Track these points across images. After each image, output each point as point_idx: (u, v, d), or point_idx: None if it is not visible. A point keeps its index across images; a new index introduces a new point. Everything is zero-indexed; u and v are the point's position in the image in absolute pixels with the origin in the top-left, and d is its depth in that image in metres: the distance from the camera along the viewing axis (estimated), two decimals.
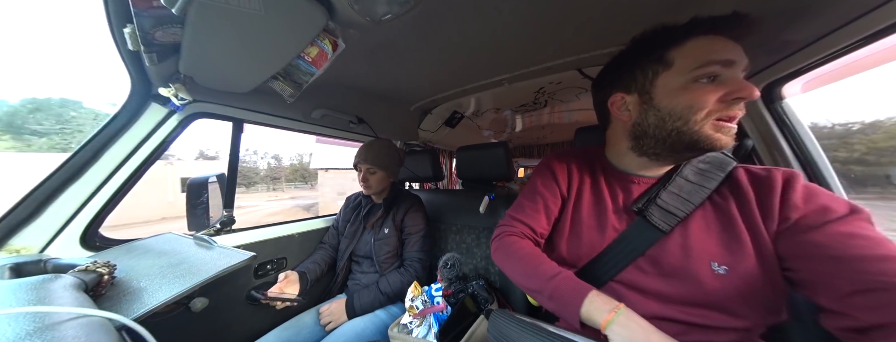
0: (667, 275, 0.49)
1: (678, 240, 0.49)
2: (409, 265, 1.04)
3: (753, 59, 0.71)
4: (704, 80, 0.44)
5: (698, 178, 0.51)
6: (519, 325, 0.43)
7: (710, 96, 0.43)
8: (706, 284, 0.46)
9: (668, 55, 0.47)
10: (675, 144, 0.47)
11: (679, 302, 0.48)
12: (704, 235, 0.48)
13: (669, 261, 0.49)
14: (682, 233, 0.49)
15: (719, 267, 0.45)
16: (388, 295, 0.96)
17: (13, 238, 0.65)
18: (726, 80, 0.43)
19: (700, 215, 0.49)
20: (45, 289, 0.38)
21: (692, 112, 0.44)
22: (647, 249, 0.51)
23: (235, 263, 0.56)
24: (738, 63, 0.44)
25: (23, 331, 0.29)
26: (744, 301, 0.45)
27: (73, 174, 0.72)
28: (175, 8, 0.48)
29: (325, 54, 0.65)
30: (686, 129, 0.45)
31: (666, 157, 0.52)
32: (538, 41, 0.82)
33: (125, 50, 0.60)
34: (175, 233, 0.78)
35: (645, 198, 0.53)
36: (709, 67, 0.43)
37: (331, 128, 1.37)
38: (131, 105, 0.76)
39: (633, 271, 0.52)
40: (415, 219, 1.11)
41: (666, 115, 0.47)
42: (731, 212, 0.47)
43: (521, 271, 0.56)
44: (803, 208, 0.42)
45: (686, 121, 0.45)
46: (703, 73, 0.44)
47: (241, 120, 1.05)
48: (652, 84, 0.49)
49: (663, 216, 0.50)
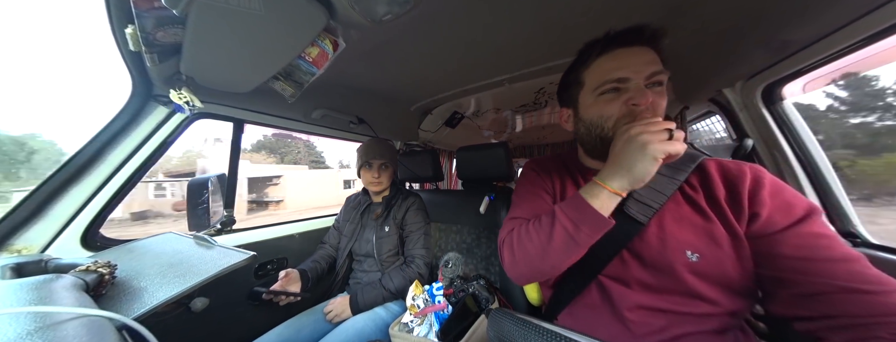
0: (648, 266, 0.52)
1: (655, 231, 0.52)
2: (411, 262, 1.05)
3: (754, 60, 0.72)
4: (608, 94, 0.52)
5: (670, 171, 0.54)
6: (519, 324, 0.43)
7: (614, 106, 0.51)
8: (682, 273, 0.48)
9: (581, 76, 0.56)
10: (605, 148, 0.52)
11: (663, 291, 0.51)
12: (678, 225, 0.50)
13: (649, 252, 0.52)
14: (657, 223, 0.52)
15: (693, 255, 0.48)
16: (391, 291, 0.97)
17: (15, 238, 0.66)
18: (627, 90, 0.50)
19: (672, 206, 0.52)
20: (47, 289, 0.39)
21: (603, 121, 0.52)
22: (629, 242, 0.53)
23: (235, 263, 0.56)
24: (634, 77, 0.49)
25: (24, 330, 0.29)
26: (718, 287, 0.48)
27: (75, 174, 0.72)
28: (176, 8, 0.48)
29: (326, 54, 0.65)
30: (604, 135, 0.53)
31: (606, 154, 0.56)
32: (538, 41, 0.82)
33: (126, 50, 0.60)
34: (175, 233, 0.78)
35: None
36: (605, 86, 0.51)
37: (331, 128, 1.37)
38: (132, 105, 0.76)
39: (617, 264, 0.55)
40: (415, 216, 1.12)
41: (588, 125, 0.55)
42: (700, 202, 0.50)
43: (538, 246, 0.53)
44: (770, 204, 0.45)
45: (602, 128, 0.53)
46: (602, 90, 0.52)
47: (242, 120, 1.05)
48: (576, 100, 0.58)
49: (640, 209, 0.53)
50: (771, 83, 0.75)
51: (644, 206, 0.53)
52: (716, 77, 0.86)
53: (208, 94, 0.86)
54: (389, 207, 1.14)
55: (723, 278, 0.47)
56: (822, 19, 0.55)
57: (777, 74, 0.72)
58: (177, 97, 0.72)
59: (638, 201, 0.54)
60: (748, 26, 0.62)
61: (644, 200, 0.53)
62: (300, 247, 1.25)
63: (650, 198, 0.53)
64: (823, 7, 0.52)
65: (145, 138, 0.80)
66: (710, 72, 0.86)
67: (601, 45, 0.52)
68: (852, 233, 0.71)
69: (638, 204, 0.53)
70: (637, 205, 0.53)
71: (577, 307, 0.60)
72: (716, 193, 0.49)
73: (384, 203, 1.15)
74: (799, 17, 0.55)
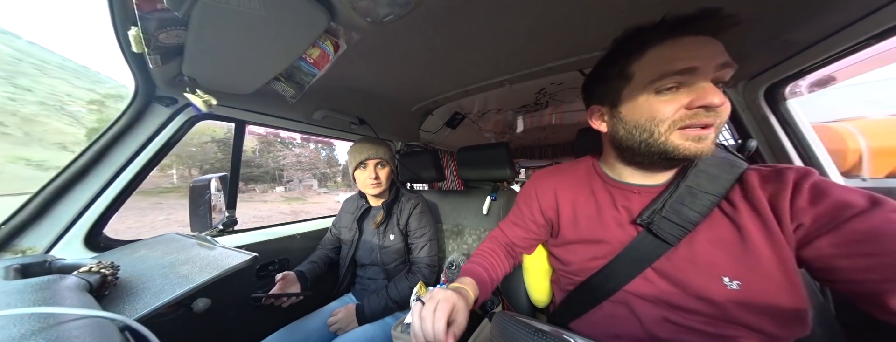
0: (677, 287, 0.47)
1: (685, 254, 0.46)
2: (417, 270, 1.01)
3: (756, 60, 0.72)
4: (666, 90, 0.43)
5: (706, 185, 0.47)
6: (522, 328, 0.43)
7: (671, 107, 0.42)
8: (717, 299, 0.43)
9: (628, 69, 0.46)
10: (650, 155, 0.46)
11: (692, 312, 0.46)
12: (713, 248, 0.44)
13: (676, 273, 0.47)
14: (688, 245, 0.46)
15: (732, 282, 0.42)
16: (398, 302, 0.94)
17: (19, 239, 0.66)
18: (690, 88, 0.41)
19: (708, 226, 0.46)
20: (50, 290, 0.39)
21: (654, 124, 0.44)
22: (654, 262, 0.49)
23: (237, 264, 0.56)
24: (703, 67, 0.41)
25: (28, 330, 0.29)
26: (762, 316, 0.42)
27: (78, 175, 0.72)
28: (179, 10, 0.48)
29: (327, 55, 0.65)
30: (652, 141, 0.44)
31: (653, 166, 0.50)
32: (539, 42, 0.82)
33: (129, 52, 0.61)
34: (177, 234, 0.78)
35: (649, 210, 0.50)
36: (665, 79, 0.42)
37: (332, 129, 1.37)
38: (135, 107, 0.77)
39: (640, 282, 0.51)
40: (421, 221, 1.05)
41: (632, 127, 0.47)
42: (742, 221, 0.43)
43: None
44: (812, 210, 0.38)
45: (651, 133, 0.44)
46: (661, 85, 0.43)
47: (244, 121, 1.05)
48: (618, 97, 0.48)
49: (669, 228, 0.47)
50: (774, 83, 0.75)
51: (675, 226, 0.46)
52: None
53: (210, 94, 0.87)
54: (390, 213, 1.06)
55: (771, 308, 0.41)
56: (824, 19, 0.55)
57: (780, 75, 0.71)
58: (195, 98, 0.73)
59: (668, 220, 0.47)
60: (750, 26, 0.61)
61: (675, 220, 0.46)
62: (301, 248, 1.26)
63: (682, 218, 0.46)
64: (826, 7, 0.52)
65: (148, 139, 0.81)
66: None
67: (662, 32, 0.43)
68: None
69: (668, 223, 0.47)
70: (667, 224, 0.47)
71: (596, 316, 0.57)
72: (761, 210, 0.42)
73: (384, 208, 1.06)
74: (802, 18, 0.55)
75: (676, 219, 0.46)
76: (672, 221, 0.46)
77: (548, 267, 0.75)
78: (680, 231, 0.46)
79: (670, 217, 0.47)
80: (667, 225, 0.47)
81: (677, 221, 0.46)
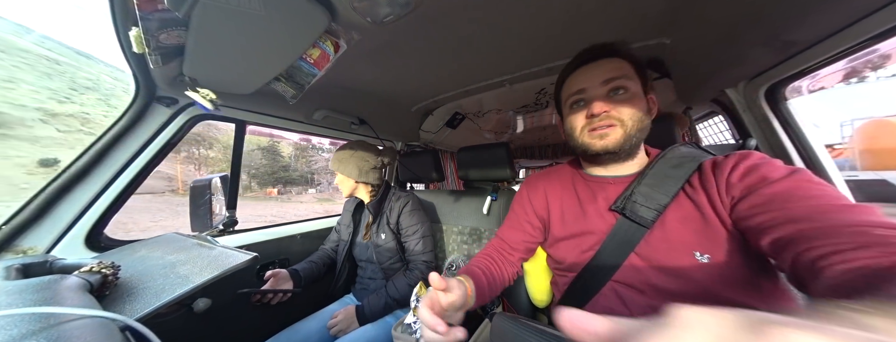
0: (658, 269, 0.51)
1: (659, 235, 0.52)
2: (414, 267, 1.02)
3: (757, 60, 0.71)
4: (575, 105, 0.59)
5: (671, 172, 0.54)
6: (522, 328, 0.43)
7: (580, 116, 0.57)
8: (693, 274, 0.47)
9: (560, 95, 0.64)
10: (581, 151, 0.60)
11: (677, 295, 0.49)
12: (681, 226, 0.50)
13: (656, 255, 0.51)
14: (661, 226, 0.52)
15: (702, 256, 0.47)
16: (397, 299, 0.94)
17: (20, 239, 0.66)
18: (587, 103, 0.56)
19: (675, 208, 0.52)
20: (51, 290, 0.39)
21: (574, 130, 0.59)
22: (636, 246, 0.53)
23: (237, 264, 0.56)
24: (590, 87, 0.56)
25: (29, 330, 0.30)
26: (733, 286, 0.46)
27: (79, 176, 0.72)
28: (180, 10, 0.48)
29: (327, 56, 0.65)
30: (576, 142, 0.60)
31: (597, 159, 0.60)
32: (539, 42, 0.82)
33: (130, 52, 0.61)
34: (178, 234, 0.78)
35: (622, 197, 0.56)
36: (570, 99, 0.59)
37: (332, 129, 1.37)
38: (136, 107, 0.77)
39: (628, 270, 0.54)
40: (411, 219, 1.06)
41: (568, 133, 0.62)
42: (699, 200, 0.50)
43: None
44: (740, 184, 0.45)
45: (573, 136, 0.60)
46: (570, 102, 0.59)
47: (244, 121, 1.06)
48: (560, 113, 0.66)
49: (642, 211, 0.53)
50: (774, 83, 0.75)
51: (646, 209, 0.52)
52: (718, 77, 0.85)
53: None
54: (379, 212, 1.08)
55: (738, 276, 0.45)
56: (825, 19, 0.54)
57: (780, 74, 0.71)
58: (197, 95, 0.72)
59: (639, 204, 0.53)
60: (751, 26, 0.61)
61: (645, 203, 0.53)
62: (302, 248, 1.26)
63: (652, 201, 0.52)
64: (827, 6, 0.52)
65: (149, 139, 0.81)
66: (712, 72, 0.85)
67: (570, 67, 0.60)
68: None
69: (640, 207, 0.53)
70: (639, 208, 0.53)
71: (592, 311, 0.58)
72: (710, 190, 0.49)
73: (371, 208, 1.08)
74: (802, 17, 0.55)
75: (646, 203, 0.53)
76: (643, 205, 0.53)
77: (547, 267, 0.76)
78: (651, 213, 0.52)
79: (640, 201, 0.53)
80: (639, 209, 0.53)
81: (647, 204, 0.53)
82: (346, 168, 1.05)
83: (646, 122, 0.55)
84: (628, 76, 0.54)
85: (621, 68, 0.55)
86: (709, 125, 1.42)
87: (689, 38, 0.77)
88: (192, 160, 31.83)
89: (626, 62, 0.56)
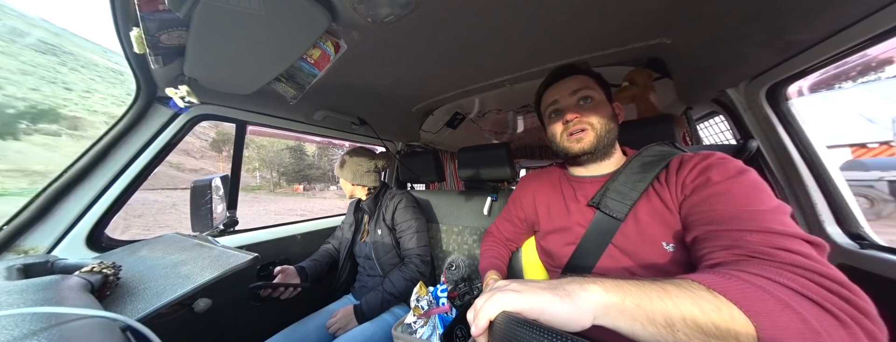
0: (634, 259, 0.56)
1: (633, 226, 0.57)
2: (409, 261, 1.04)
3: (758, 60, 0.71)
4: (553, 114, 0.68)
5: (643, 169, 0.59)
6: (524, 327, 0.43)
7: (558, 124, 0.66)
8: (663, 263, 0.52)
9: (539, 108, 0.74)
10: (562, 154, 0.68)
11: None
12: (650, 219, 0.55)
13: (631, 247, 0.56)
14: (634, 219, 0.57)
15: (668, 245, 0.52)
16: (394, 294, 0.96)
17: (22, 239, 0.66)
18: (561, 112, 0.65)
19: (645, 202, 0.57)
20: (53, 290, 0.39)
21: (554, 136, 0.67)
22: (613, 237, 0.58)
23: (238, 264, 0.56)
24: (561, 98, 0.65)
25: (29, 330, 0.30)
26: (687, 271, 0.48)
27: (80, 176, 0.73)
28: (180, 11, 0.48)
29: (328, 56, 0.65)
30: (557, 147, 0.68)
31: (577, 159, 0.67)
32: (539, 42, 0.82)
33: (131, 53, 0.61)
34: (178, 234, 0.78)
35: (599, 194, 0.62)
36: (548, 111, 0.69)
37: (333, 129, 1.37)
38: (137, 107, 0.77)
39: (606, 260, 0.59)
40: (404, 215, 1.10)
41: (549, 139, 0.70)
42: (664, 195, 0.55)
43: None
44: (691, 184, 0.50)
45: (555, 142, 0.68)
46: (549, 113, 0.69)
47: (245, 121, 1.06)
48: (542, 123, 0.75)
49: (616, 206, 0.58)
50: (775, 83, 0.74)
51: (620, 204, 0.58)
52: (719, 77, 0.85)
53: (211, 95, 0.87)
54: (375, 209, 1.15)
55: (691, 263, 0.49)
56: (826, 18, 0.54)
57: (781, 74, 0.71)
58: (173, 93, 0.72)
59: (613, 200, 0.59)
60: (752, 26, 0.61)
61: (618, 198, 0.59)
62: (302, 249, 1.26)
63: (624, 196, 0.58)
64: (828, 7, 0.52)
65: (150, 139, 0.81)
66: (713, 72, 0.85)
67: (543, 85, 0.71)
68: (859, 234, 0.71)
69: (614, 202, 0.59)
70: (613, 203, 0.59)
71: None
72: (671, 186, 0.54)
73: (367, 205, 1.15)
74: (803, 17, 0.55)
75: (619, 198, 0.59)
76: (616, 200, 0.59)
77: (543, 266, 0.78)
78: (623, 207, 0.58)
79: (614, 197, 0.59)
80: (613, 203, 0.59)
81: (620, 200, 0.58)
82: (343, 173, 1.14)
83: (612, 125, 0.63)
84: (592, 88, 0.64)
85: (585, 82, 0.65)
86: (710, 125, 1.41)
87: (690, 38, 0.77)
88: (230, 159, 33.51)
89: (588, 78, 0.66)
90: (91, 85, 47.26)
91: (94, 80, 48.70)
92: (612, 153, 0.66)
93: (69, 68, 50.40)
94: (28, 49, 55.48)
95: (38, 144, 34.31)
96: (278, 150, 33.20)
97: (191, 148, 38.63)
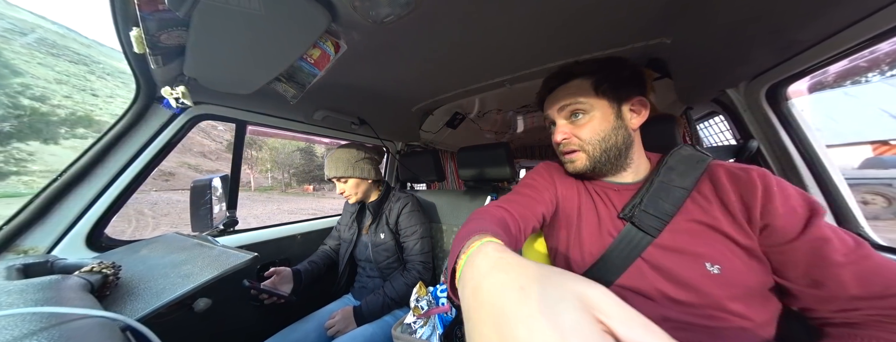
0: (667, 277, 0.50)
1: (668, 243, 0.51)
2: (411, 267, 1.03)
3: (758, 60, 0.71)
4: (551, 128, 0.63)
5: (677, 180, 0.54)
6: None
7: (555, 137, 0.61)
8: (703, 285, 0.47)
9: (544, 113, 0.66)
10: None
11: (691, 305, 0.48)
12: (691, 237, 0.50)
13: (666, 263, 0.51)
14: (671, 235, 0.51)
15: (712, 266, 0.47)
16: (394, 299, 0.95)
17: (21, 239, 0.66)
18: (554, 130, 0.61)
19: (684, 216, 0.51)
20: (52, 290, 0.39)
21: (556, 148, 0.63)
22: (643, 252, 0.53)
23: (238, 264, 0.56)
24: (552, 113, 0.60)
25: (30, 330, 0.30)
26: (744, 299, 0.46)
27: (80, 176, 0.73)
28: (180, 11, 0.48)
29: (328, 56, 0.65)
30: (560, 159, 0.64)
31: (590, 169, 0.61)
32: (539, 42, 0.82)
33: (131, 53, 0.61)
34: (178, 234, 0.78)
35: (630, 205, 0.56)
36: (546, 122, 0.65)
37: (333, 129, 1.37)
38: (137, 107, 0.77)
39: (634, 274, 0.53)
40: (410, 220, 1.08)
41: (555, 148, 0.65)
42: (714, 213, 0.49)
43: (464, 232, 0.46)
44: (781, 213, 0.45)
45: (557, 152, 0.64)
46: (548, 124, 0.65)
47: (245, 121, 1.06)
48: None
49: (649, 220, 0.53)
50: (775, 83, 0.74)
51: (655, 218, 0.52)
52: (719, 77, 0.85)
53: (211, 95, 0.87)
54: (379, 212, 1.11)
55: (747, 289, 0.46)
56: (827, 18, 0.54)
57: (781, 74, 0.71)
58: (168, 93, 0.72)
59: (647, 213, 0.53)
60: (752, 26, 0.61)
61: (653, 212, 0.53)
62: (302, 248, 1.26)
63: (660, 210, 0.52)
64: (829, 6, 0.52)
65: (149, 139, 0.81)
66: (713, 72, 0.85)
67: (540, 96, 0.65)
68: (858, 234, 0.71)
69: (648, 216, 0.53)
70: (647, 217, 0.53)
71: None
72: (729, 204, 0.48)
73: (372, 208, 1.11)
74: (804, 16, 0.55)
75: (654, 212, 0.53)
76: (651, 214, 0.53)
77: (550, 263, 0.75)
78: (659, 222, 0.52)
79: (648, 210, 0.53)
80: (647, 217, 0.53)
81: (655, 214, 0.53)
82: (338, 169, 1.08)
83: (614, 139, 0.56)
84: (585, 97, 0.56)
85: (577, 91, 0.56)
86: (709, 125, 1.41)
87: (690, 38, 0.77)
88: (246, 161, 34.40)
89: (585, 80, 0.56)
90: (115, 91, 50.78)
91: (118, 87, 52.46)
92: (629, 164, 0.59)
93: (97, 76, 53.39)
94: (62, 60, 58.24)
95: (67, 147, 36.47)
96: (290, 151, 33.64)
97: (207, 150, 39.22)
